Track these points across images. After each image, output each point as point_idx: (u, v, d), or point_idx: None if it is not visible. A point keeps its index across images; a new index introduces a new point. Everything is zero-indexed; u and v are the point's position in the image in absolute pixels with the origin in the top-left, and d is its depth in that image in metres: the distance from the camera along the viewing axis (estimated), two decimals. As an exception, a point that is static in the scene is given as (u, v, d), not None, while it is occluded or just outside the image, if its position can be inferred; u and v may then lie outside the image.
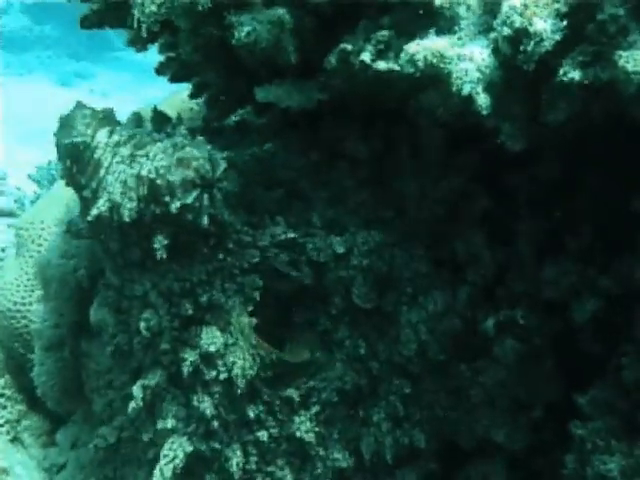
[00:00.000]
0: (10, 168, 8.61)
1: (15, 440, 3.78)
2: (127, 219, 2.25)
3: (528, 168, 2.56)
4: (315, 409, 2.58)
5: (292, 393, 2.55)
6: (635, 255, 2.38)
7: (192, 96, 2.84)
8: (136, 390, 2.50)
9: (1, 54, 15.31)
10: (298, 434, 2.55)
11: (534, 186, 2.62)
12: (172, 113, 3.37)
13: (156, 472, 2.51)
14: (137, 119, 2.48)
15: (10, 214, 6.75)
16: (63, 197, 3.81)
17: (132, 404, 2.51)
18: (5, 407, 3.84)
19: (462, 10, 2.08)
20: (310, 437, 2.56)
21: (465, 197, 2.63)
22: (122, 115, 2.50)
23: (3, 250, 5.47)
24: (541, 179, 2.60)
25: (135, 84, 16.51)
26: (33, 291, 3.79)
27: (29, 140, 11.74)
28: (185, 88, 3.02)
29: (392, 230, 2.56)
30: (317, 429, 2.58)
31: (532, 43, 1.89)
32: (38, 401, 3.65)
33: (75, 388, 3.27)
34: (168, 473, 2.50)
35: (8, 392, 3.89)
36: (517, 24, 1.89)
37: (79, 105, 2.38)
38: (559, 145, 2.37)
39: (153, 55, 2.84)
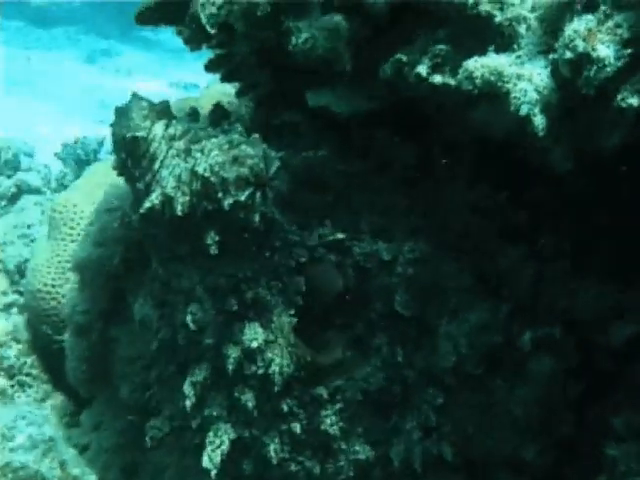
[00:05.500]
0: (37, 143, 8.67)
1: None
2: (179, 213, 2.28)
3: (568, 184, 2.56)
4: (339, 405, 2.61)
5: (321, 391, 2.57)
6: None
7: (239, 94, 2.85)
8: (187, 388, 2.54)
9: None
10: (323, 427, 2.58)
11: (576, 202, 2.63)
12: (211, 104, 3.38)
13: (205, 459, 2.55)
14: (192, 112, 2.50)
15: (37, 191, 6.81)
16: (99, 183, 3.84)
17: (187, 402, 2.54)
18: (31, 386, 3.90)
19: (522, 29, 2.10)
20: (334, 430, 2.59)
21: (503, 211, 2.64)
22: (147, 96, 2.48)
23: (29, 227, 5.52)
24: (583, 195, 2.60)
25: (161, 65, 16.52)
26: (64, 273, 3.84)
27: (54, 116, 11.78)
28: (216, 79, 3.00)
29: (438, 241, 2.58)
30: (341, 424, 2.61)
31: (594, 69, 1.90)
32: (63, 381, 3.69)
33: (101, 373, 3.30)
34: (217, 459, 2.53)
35: (34, 372, 3.95)
36: (580, 49, 1.90)
37: (136, 96, 2.40)
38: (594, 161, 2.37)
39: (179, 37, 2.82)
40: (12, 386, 3.84)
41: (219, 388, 2.56)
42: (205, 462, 2.55)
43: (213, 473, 2.54)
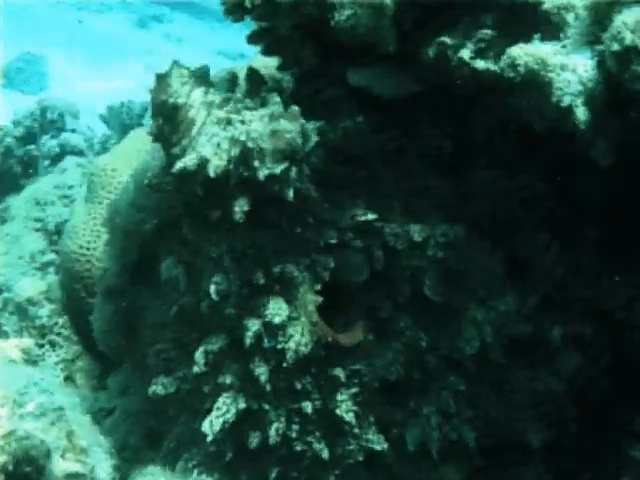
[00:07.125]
0: (82, 104, 8.73)
1: (68, 379, 3.90)
2: (212, 175, 2.26)
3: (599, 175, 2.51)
4: (354, 390, 2.59)
5: (339, 372, 2.56)
6: None
7: (281, 68, 2.83)
8: (198, 355, 2.55)
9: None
10: (338, 411, 2.57)
11: (604, 193, 2.58)
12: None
13: (205, 424, 2.54)
14: (231, 79, 2.49)
15: (80, 153, 6.87)
16: (139, 148, 3.86)
17: (195, 368, 2.55)
18: (62, 346, 3.96)
19: (570, 17, 2.05)
20: (350, 417, 2.57)
21: (535, 198, 2.61)
22: (193, 64, 2.47)
23: (70, 188, 5.59)
24: (612, 186, 2.55)
25: (209, 33, 16.55)
26: (99, 237, 3.87)
27: (102, 78, 11.88)
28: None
29: (471, 227, 2.54)
30: (354, 408, 2.59)
31: (641, 63, 1.84)
32: (93, 344, 3.73)
33: (129, 337, 3.32)
34: (217, 427, 2.52)
35: (65, 332, 4.00)
36: (628, 41, 1.85)
37: (175, 63, 2.39)
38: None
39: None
40: (42, 345, 3.91)
41: (235, 359, 2.56)
42: (205, 427, 2.54)
43: (209, 439, 2.54)
